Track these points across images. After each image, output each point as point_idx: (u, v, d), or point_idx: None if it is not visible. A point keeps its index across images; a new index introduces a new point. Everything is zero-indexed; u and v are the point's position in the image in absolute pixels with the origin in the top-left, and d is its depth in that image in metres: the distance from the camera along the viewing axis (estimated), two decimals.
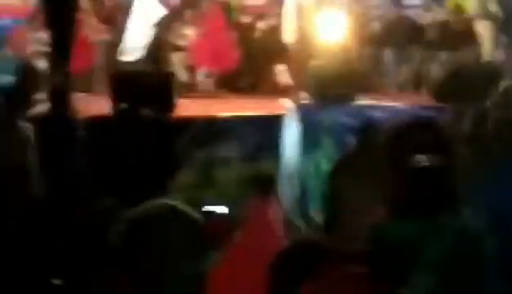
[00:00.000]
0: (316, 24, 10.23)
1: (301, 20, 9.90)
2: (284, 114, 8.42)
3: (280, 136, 8.29)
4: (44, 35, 8.86)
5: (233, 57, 11.25)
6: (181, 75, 10.87)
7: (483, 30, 10.59)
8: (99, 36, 11.36)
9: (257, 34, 11.56)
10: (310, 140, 8.15)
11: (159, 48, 11.37)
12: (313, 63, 10.16)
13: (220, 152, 8.42)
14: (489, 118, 4.51)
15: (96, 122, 6.61)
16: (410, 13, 12.02)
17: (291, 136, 8.26)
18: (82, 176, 5.45)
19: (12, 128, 6.37)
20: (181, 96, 9.09)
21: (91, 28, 11.07)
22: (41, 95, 8.55)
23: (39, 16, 10.11)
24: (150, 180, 5.39)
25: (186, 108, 8.92)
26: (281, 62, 10.65)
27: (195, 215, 3.21)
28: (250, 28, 11.68)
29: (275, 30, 11.12)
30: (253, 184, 5.08)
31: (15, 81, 8.43)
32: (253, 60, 11.29)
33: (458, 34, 11.42)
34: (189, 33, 11.44)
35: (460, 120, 6.22)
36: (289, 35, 10.36)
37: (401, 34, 11.50)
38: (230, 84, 11.30)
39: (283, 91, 10.02)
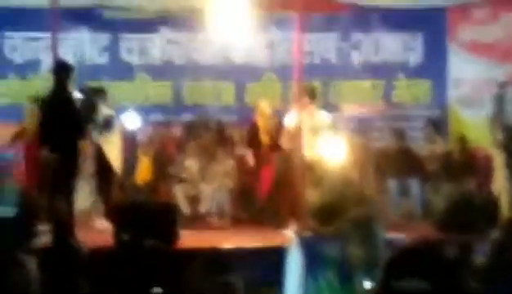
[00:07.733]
0: (322, 150, 10.21)
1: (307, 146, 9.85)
2: (287, 246, 8.34)
3: (283, 268, 8.18)
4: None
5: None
6: (184, 207, 10.85)
7: (494, 159, 10.60)
8: None
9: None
10: (313, 272, 8.03)
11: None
12: (317, 192, 10.11)
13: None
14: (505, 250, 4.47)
15: (99, 253, 6.56)
16: (413, 145, 12.14)
17: (294, 268, 8.15)
18: None
19: (14, 261, 6.28)
20: (183, 228, 9.08)
21: None
22: (43, 227, 8.52)
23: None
24: None
25: (189, 239, 8.87)
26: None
27: None
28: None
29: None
30: None
31: (17, 212, 8.39)
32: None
33: (461, 165, 11.48)
34: (191, 165, 11.46)
35: (467, 252, 6.14)
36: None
37: (402, 166, 11.55)
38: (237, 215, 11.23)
39: (287, 222, 9.97)
